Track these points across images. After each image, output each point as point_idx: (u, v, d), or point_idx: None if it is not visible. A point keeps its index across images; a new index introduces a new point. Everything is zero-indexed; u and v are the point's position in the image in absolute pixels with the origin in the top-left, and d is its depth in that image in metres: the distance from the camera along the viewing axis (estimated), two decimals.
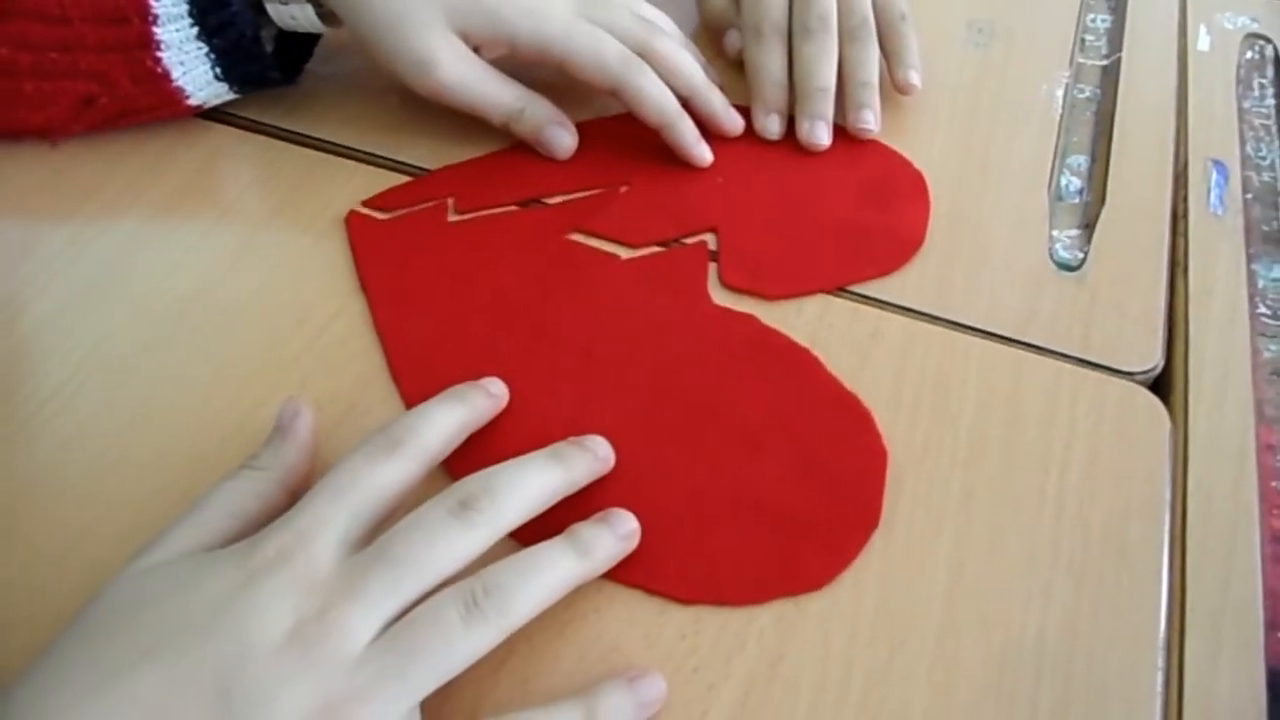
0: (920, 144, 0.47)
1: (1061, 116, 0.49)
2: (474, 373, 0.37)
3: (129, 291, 0.40)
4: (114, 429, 0.36)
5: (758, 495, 0.34)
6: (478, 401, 0.35)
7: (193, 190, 0.44)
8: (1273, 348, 0.42)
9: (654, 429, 0.36)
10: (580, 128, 0.45)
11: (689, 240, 0.42)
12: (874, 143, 0.46)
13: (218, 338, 0.39)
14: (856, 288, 0.41)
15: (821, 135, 0.45)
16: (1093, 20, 0.56)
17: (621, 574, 0.33)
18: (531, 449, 0.34)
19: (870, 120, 0.46)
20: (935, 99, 0.50)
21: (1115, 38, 0.55)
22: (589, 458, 0.34)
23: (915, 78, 0.48)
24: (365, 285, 0.40)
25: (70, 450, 0.35)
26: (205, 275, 0.41)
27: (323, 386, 0.37)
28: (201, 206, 0.43)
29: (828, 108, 0.46)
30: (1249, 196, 0.47)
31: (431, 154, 0.45)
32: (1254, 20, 0.55)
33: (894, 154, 0.46)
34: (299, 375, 0.38)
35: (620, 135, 0.46)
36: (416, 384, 0.37)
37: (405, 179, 0.44)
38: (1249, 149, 0.50)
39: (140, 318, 0.39)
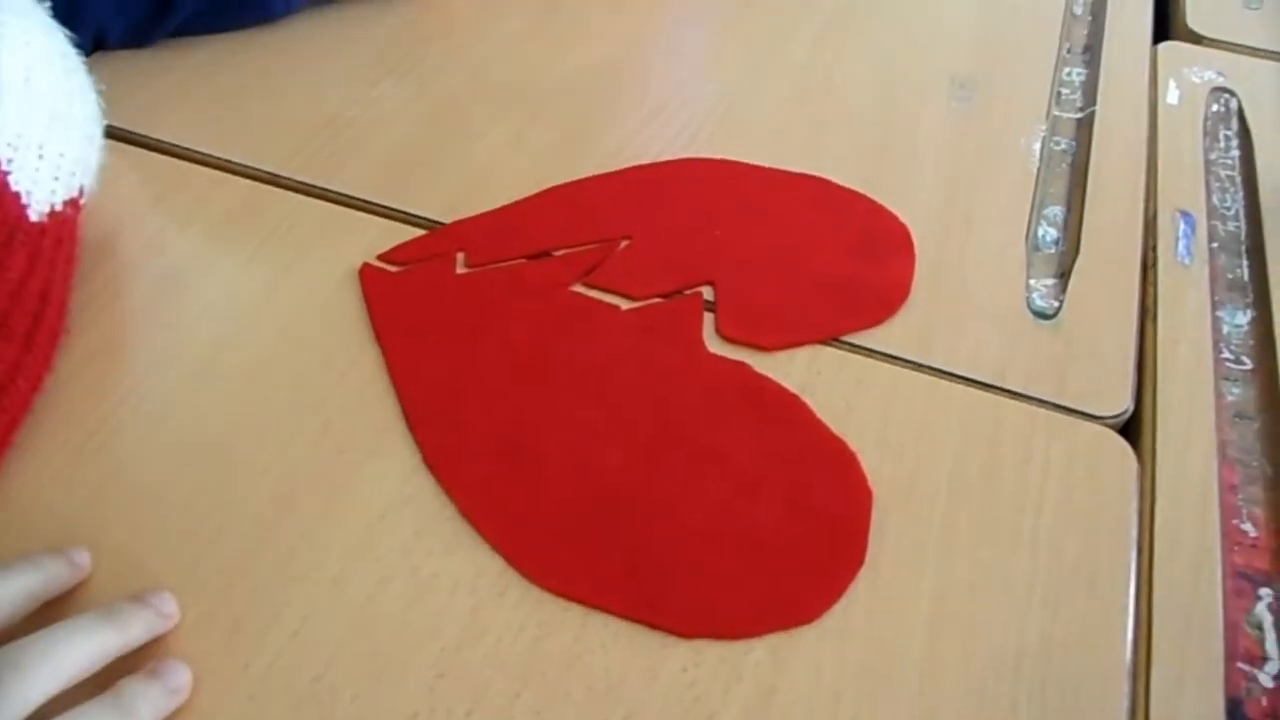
0: (906, 198, 0.50)
1: (1038, 169, 0.52)
2: (485, 418, 0.39)
3: (159, 339, 0.42)
4: (148, 472, 0.38)
5: (752, 534, 0.37)
6: (55, 569, 0.34)
7: (217, 242, 0.47)
8: (1236, 391, 0.44)
9: (655, 472, 0.38)
10: (585, 184, 0.48)
11: (687, 292, 0.45)
12: (863, 198, 0.49)
13: (244, 385, 0.41)
14: (845, 337, 0.44)
15: None
16: (1068, 74, 0.59)
17: (627, 609, 0.35)
18: (535, 493, 0.36)
19: None
20: (920, 154, 0.52)
21: (1090, 91, 0.58)
22: (149, 615, 0.33)
23: None
24: (379, 336, 0.42)
25: (108, 489, 0.38)
26: (230, 325, 0.43)
27: (343, 432, 0.40)
28: (225, 258, 0.46)
29: None
30: (1214, 245, 0.50)
31: (445, 207, 0.48)
32: (1220, 75, 0.58)
33: (881, 209, 0.49)
34: (320, 421, 0.40)
35: (624, 190, 0.48)
36: (431, 430, 0.39)
37: (419, 231, 0.47)
38: (1215, 199, 0.52)
39: (171, 364, 0.41)
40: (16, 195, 0.41)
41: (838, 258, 0.46)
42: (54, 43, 0.45)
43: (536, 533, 0.37)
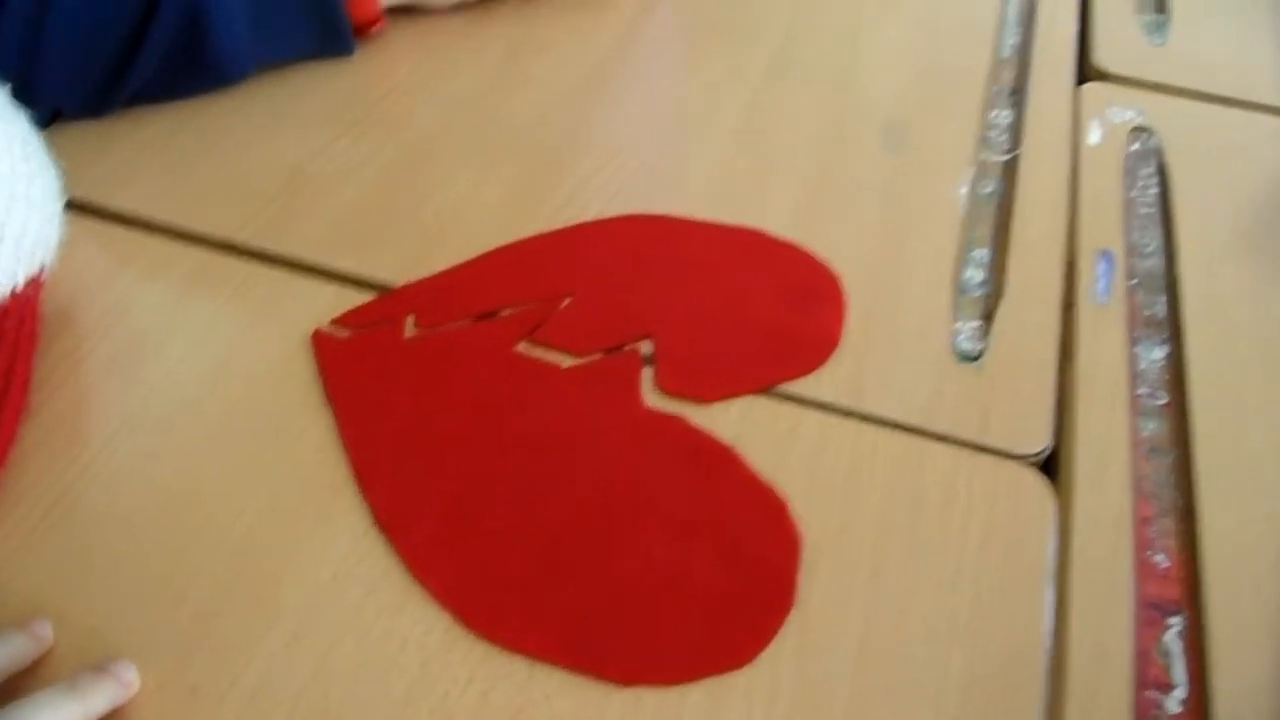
0: (839, 247, 0.52)
1: (965, 213, 0.55)
2: (432, 480, 0.41)
3: (116, 411, 0.44)
4: (108, 542, 0.40)
5: (685, 584, 0.39)
6: (17, 644, 0.35)
7: (172, 312, 0.48)
8: (1151, 426, 0.47)
9: (594, 526, 0.40)
10: (530, 243, 0.50)
11: (627, 347, 0.47)
12: (795, 249, 0.51)
13: (199, 455, 0.43)
14: (779, 387, 0.46)
15: None
16: (995, 116, 0.61)
17: (569, 661, 0.37)
18: (480, 550, 0.38)
19: None
20: (852, 203, 0.55)
21: (1016, 133, 0.60)
22: (110, 685, 0.35)
23: None
24: (331, 401, 0.44)
25: (68, 560, 0.39)
26: (185, 396, 0.45)
27: (297, 497, 0.41)
28: (180, 329, 0.47)
29: None
30: (1133, 282, 0.53)
31: (397, 268, 0.50)
32: (1139, 114, 0.61)
33: (813, 259, 0.51)
34: (274, 487, 0.42)
35: (567, 249, 0.51)
36: (380, 492, 0.41)
37: (371, 294, 0.49)
38: (1134, 237, 0.55)
39: (127, 436, 0.43)
40: None
41: (771, 309, 0.48)
42: (13, 127, 0.46)
43: (482, 589, 0.39)
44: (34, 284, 0.45)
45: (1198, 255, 0.54)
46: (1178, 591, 0.41)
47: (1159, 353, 0.50)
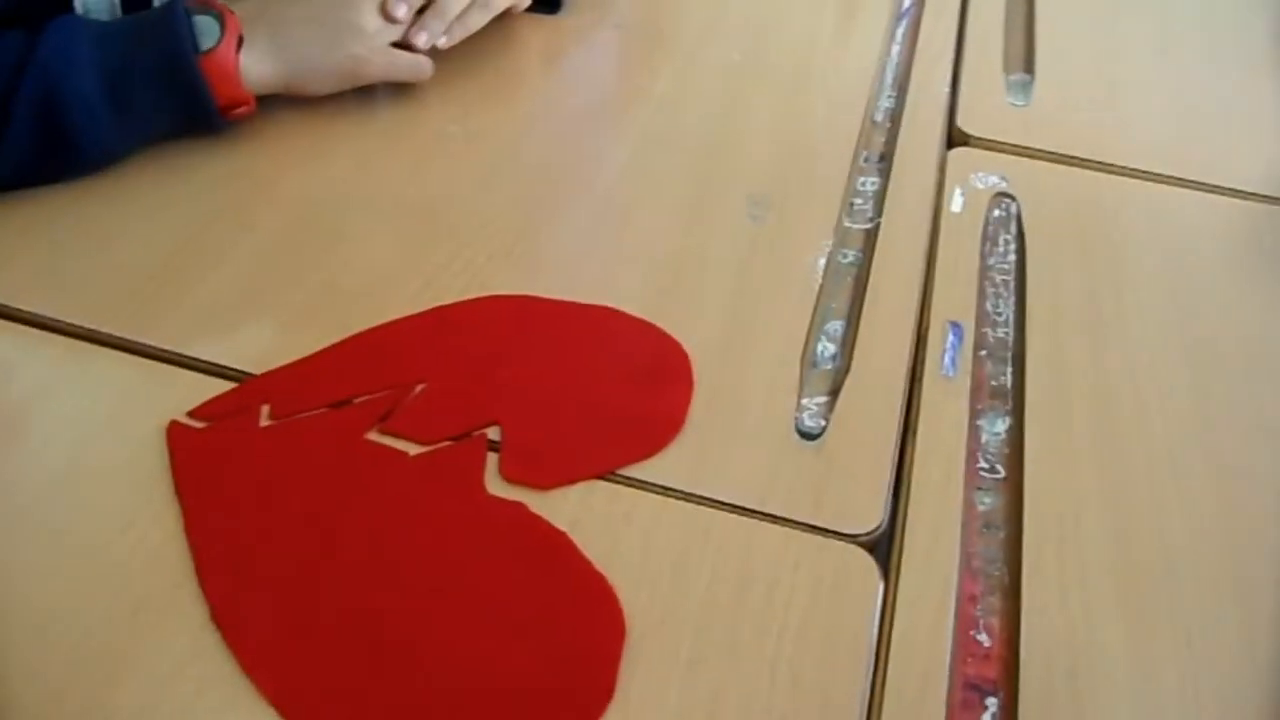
0: (692, 323, 0.53)
1: (822, 285, 0.56)
2: (271, 573, 0.42)
3: None
4: None
5: (510, 677, 0.40)
6: None
7: (31, 404, 0.49)
8: (987, 500, 0.48)
9: (426, 619, 0.41)
10: (387, 329, 0.52)
11: (475, 434, 0.48)
12: (648, 327, 0.53)
13: (46, 552, 0.43)
14: (621, 470, 0.47)
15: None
16: (862, 184, 0.63)
17: None
18: (312, 647, 0.40)
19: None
20: (709, 276, 0.56)
21: (881, 200, 0.62)
22: None
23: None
24: (179, 494, 0.45)
25: None
26: (39, 493, 0.45)
27: (139, 592, 0.42)
28: (38, 421, 0.48)
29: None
30: (983, 353, 0.54)
31: (258, 356, 0.51)
32: (1003, 179, 0.63)
33: (665, 337, 0.52)
34: (120, 579, 0.43)
35: (423, 333, 0.52)
36: (219, 587, 0.42)
37: (231, 383, 0.50)
38: (988, 305, 0.56)
39: None
40: None
41: (618, 391, 0.50)
42: None
43: (309, 687, 0.39)
44: None
45: (1046, 325, 0.55)
46: (997, 671, 0.43)
47: (1001, 425, 0.51)
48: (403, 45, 0.62)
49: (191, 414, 0.48)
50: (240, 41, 0.58)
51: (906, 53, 0.73)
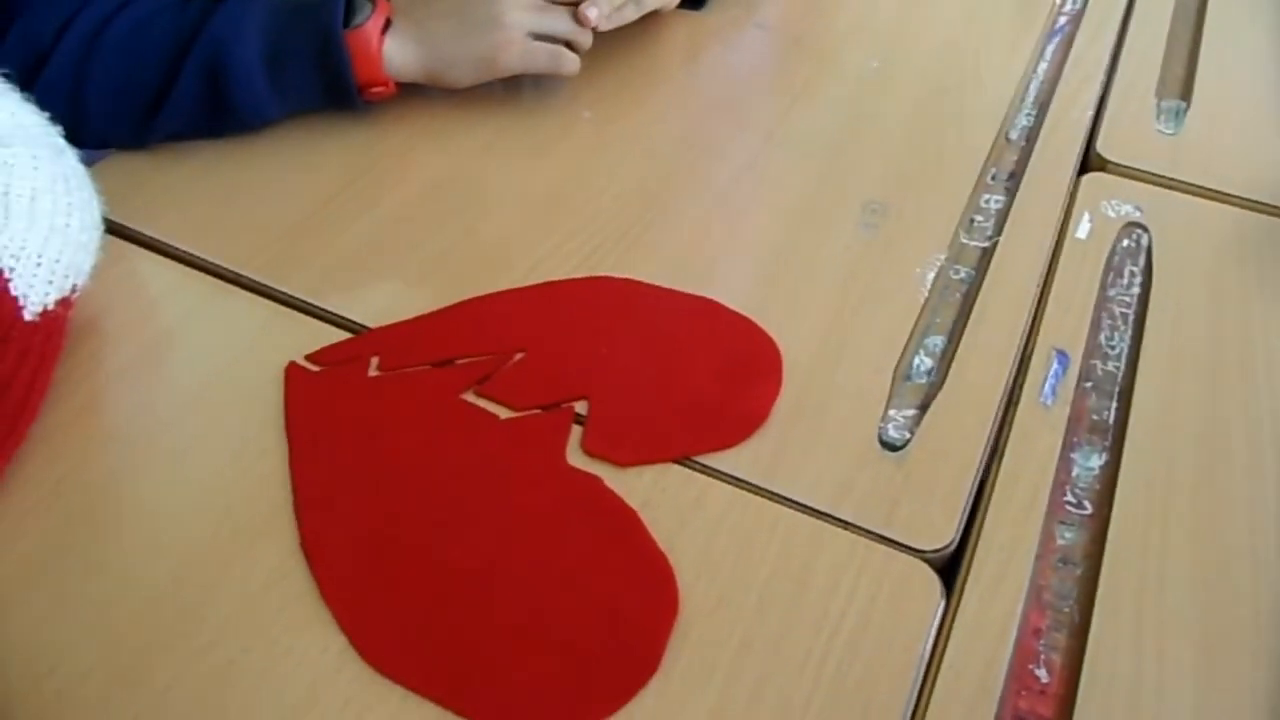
0: (790, 323, 0.54)
1: (927, 299, 0.55)
2: (361, 510, 0.45)
3: (111, 421, 0.50)
4: (75, 540, 0.45)
5: (563, 638, 0.42)
6: None
7: (177, 333, 0.54)
8: (1069, 535, 0.47)
9: (492, 572, 0.44)
10: (495, 298, 0.54)
11: (563, 405, 0.50)
12: (746, 322, 0.54)
13: (169, 468, 0.48)
14: (697, 457, 0.48)
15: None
16: (986, 201, 0.61)
17: (440, 697, 0.40)
18: (387, 581, 0.43)
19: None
20: (814, 278, 0.56)
21: (1004, 220, 0.60)
22: None
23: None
24: (289, 429, 0.49)
25: (53, 538, 0.45)
26: (170, 413, 0.50)
27: (241, 513, 0.46)
28: (180, 348, 0.53)
29: None
30: (1088, 385, 0.52)
31: (376, 311, 0.54)
32: (1137, 209, 0.60)
33: (760, 334, 0.53)
34: (226, 501, 0.47)
35: (528, 306, 0.54)
36: (311, 517, 0.45)
37: (347, 334, 0.54)
38: (1102, 337, 0.54)
39: (114, 446, 0.49)
40: (14, 299, 0.50)
41: (707, 381, 0.51)
42: (60, 165, 0.53)
43: (379, 618, 0.43)
44: (64, 304, 0.52)
45: (1160, 363, 0.53)
46: (1051, 709, 0.42)
47: (1096, 460, 0.49)
48: (542, 38, 0.65)
49: (309, 357, 0.52)
50: (387, 25, 0.61)
51: (1054, 70, 0.70)
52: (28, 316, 0.50)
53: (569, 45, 0.65)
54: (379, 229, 0.59)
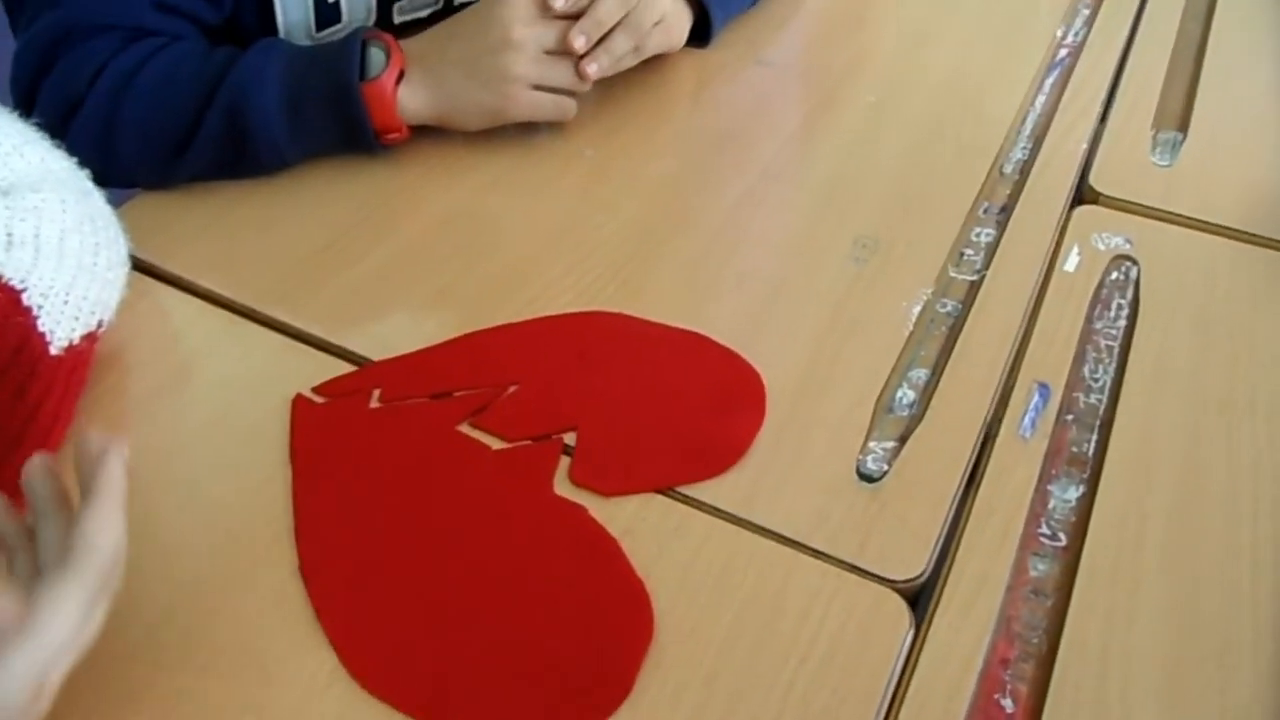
0: (776, 356, 0.55)
1: (912, 333, 0.56)
2: (358, 537, 0.48)
3: (136, 441, 0.52)
4: None
5: (540, 662, 0.44)
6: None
7: (196, 361, 0.57)
8: (1042, 567, 0.48)
9: (478, 598, 0.46)
10: (492, 333, 0.57)
11: (554, 436, 0.52)
12: (732, 356, 0.55)
13: (181, 488, 0.51)
14: (680, 487, 0.50)
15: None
16: (976, 234, 0.62)
17: (421, 715, 0.43)
18: (379, 604, 0.45)
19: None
20: (801, 312, 0.58)
21: (993, 253, 0.61)
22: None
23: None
24: (293, 458, 0.51)
25: None
26: (183, 441, 0.53)
27: (245, 538, 0.49)
28: (199, 377, 0.56)
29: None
30: (1069, 418, 0.53)
31: (380, 345, 0.57)
32: (1128, 241, 0.61)
33: (744, 365, 0.55)
34: (231, 527, 0.49)
35: (524, 340, 0.57)
36: (310, 544, 0.48)
37: (353, 366, 0.56)
38: (1085, 370, 0.55)
39: (132, 474, 0.51)
40: (42, 335, 0.53)
41: (691, 413, 0.53)
42: (87, 206, 0.57)
43: (369, 640, 0.45)
44: (90, 338, 0.55)
45: (1142, 395, 0.54)
46: None
47: (1074, 493, 0.50)
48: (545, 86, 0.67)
49: (316, 389, 0.55)
50: (401, 75, 0.65)
51: (1052, 103, 0.71)
52: (54, 351, 0.53)
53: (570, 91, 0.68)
54: (387, 264, 0.62)
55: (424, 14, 0.78)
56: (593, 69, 0.67)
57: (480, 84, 0.65)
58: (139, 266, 0.60)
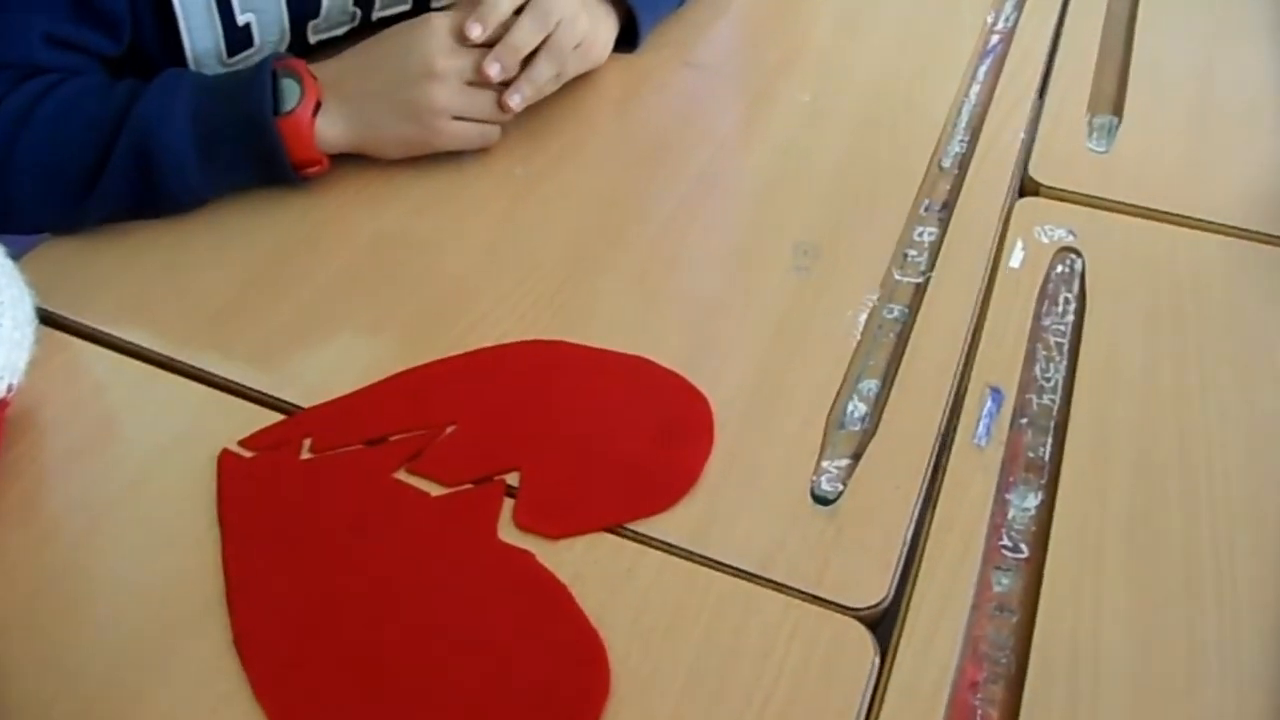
0: (722, 377, 0.54)
1: (860, 342, 0.55)
2: (293, 601, 0.45)
3: (56, 507, 0.50)
4: (21, 636, 0.45)
5: (497, 718, 0.42)
6: None
7: (116, 419, 0.54)
8: (1005, 581, 0.47)
9: (425, 657, 0.44)
10: (426, 370, 0.54)
11: (496, 478, 0.50)
12: (677, 379, 0.53)
13: (112, 555, 0.48)
14: (630, 524, 0.48)
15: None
16: (919, 234, 0.61)
17: None
18: (320, 675, 0.42)
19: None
20: (746, 328, 0.56)
21: (937, 253, 0.60)
22: None
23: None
24: (221, 519, 0.49)
25: None
26: (105, 506, 0.50)
27: (173, 609, 0.46)
28: (119, 435, 0.53)
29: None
30: (1023, 421, 0.52)
31: (308, 390, 0.54)
32: (1071, 233, 0.60)
33: (690, 388, 0.53)
34: (159, 597, 0.47)
35: (460, 376, 0.54)
36: (243, 612, 0.45)
37: (281, 415, 0.53)
38: (1036, 370, 0.54)
39: (47, 545, 0.49)
40: None
41: (637, 444, 0.51)
42: None
43: (309, 712, 0.42)
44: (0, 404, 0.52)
45: (1096, 393, 0.52)
46: None
47: (1032, 500, 0.49)
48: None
49: (242, 443, 0.52)
50: (318, 106, 0.62)
51: (987, 93, 0.70)
52: None
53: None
54: (313, 301, 0.59)
55: (340, 32, 0.74)
56: (515, 100, 0.65)
57: (402, 115, 0.63)
58: (48, 320, 0.57)
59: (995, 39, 0.75)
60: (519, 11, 0.64)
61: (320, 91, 0.62)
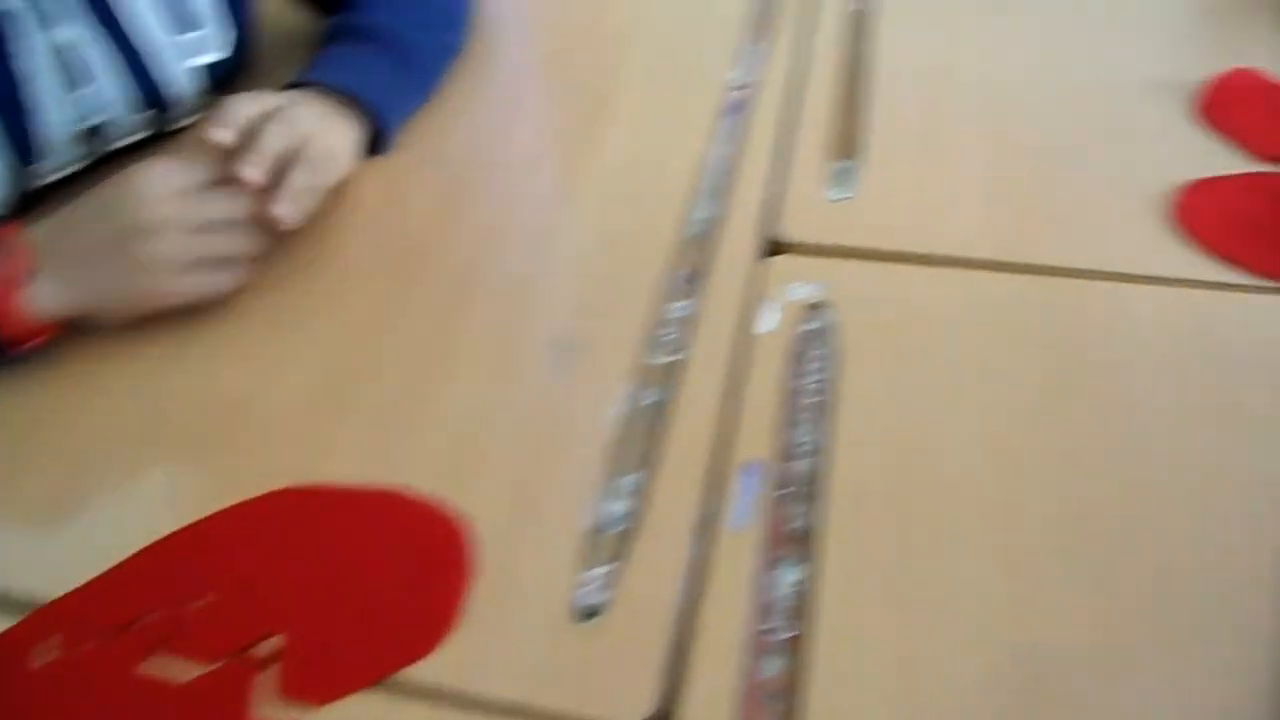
0: (480, 494, 0.52)
1: (616, 437, 0.54)
2: None
3: None
4: None
5: None
6: None
7: None
8: (775, 665, 0.46)
9: None
10: (172, 540, 0.51)
11: (251, 651, 0.48)
12: (428, 510, 0.52)
13: None
14: (394, 676, 0.46)
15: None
16: (671, 309, 0.60)
17: None
18: None
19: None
20: (503, 440, 0.55)
21: (691, 328, 0.59)
22: None
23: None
24: None
25: None
26: None
27: None
28: None
29: None
30: (781, 493, 0.52)
31: (53, 578, 0.50)
32: (820, 287, 0.60)
33: (441, 519, 0.51)
34: None
35: (211, 539, 0.52)
36: None
37: (19, 615, 0.50)
38: (792, 435, 0.54)
39: None
40: None
41: (392, 588, 0.49)
42: None
43: None
44: None
45: (854, 451, 0.53)
46: None
47: (793, 575, 0.49)
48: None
49: None
50: (29, 272, 0.57)
51: (729, 153, 0.70)
52: None
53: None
54: (44, 489, 0.55)
55: (77, 168, 0.70)
56: (285, 210, 0.61)
57: (124, 274, 0.58)
58: None
59: (735, 94, 0.75)
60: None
61: (31, 255, 0.58)
